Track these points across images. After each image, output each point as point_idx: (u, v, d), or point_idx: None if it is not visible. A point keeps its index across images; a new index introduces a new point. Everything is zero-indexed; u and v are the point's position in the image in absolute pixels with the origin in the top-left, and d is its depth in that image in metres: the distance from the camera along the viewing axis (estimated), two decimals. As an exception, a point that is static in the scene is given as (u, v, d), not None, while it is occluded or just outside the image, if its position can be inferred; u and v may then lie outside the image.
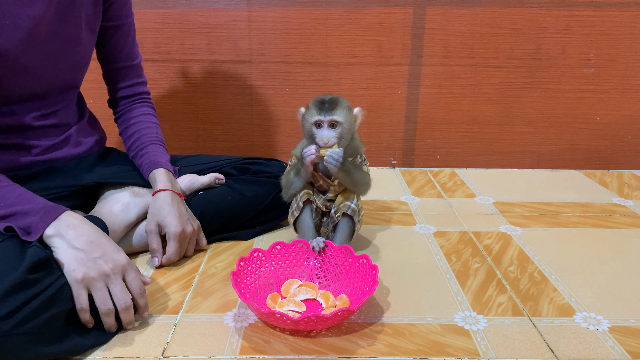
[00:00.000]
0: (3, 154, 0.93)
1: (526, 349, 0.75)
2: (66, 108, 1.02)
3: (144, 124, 1.11)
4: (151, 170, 1.03)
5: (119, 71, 1.11)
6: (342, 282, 0.90)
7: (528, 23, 1.54)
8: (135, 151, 1.08)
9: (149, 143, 1.08)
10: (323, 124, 0.91)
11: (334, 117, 0.91)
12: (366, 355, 0.74)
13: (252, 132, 1.64)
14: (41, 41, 0.90)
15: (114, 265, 0.76)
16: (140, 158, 1.06)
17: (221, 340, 0.77)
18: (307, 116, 0.93)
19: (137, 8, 1.50)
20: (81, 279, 0.73)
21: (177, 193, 1.01)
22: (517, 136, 1.64)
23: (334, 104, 0.91)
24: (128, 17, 1.08)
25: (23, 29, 0.87)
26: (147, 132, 1.10)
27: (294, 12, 1.53)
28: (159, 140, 1.10)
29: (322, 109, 0.91)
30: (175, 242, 0.97)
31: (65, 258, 0.74)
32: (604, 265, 1.01)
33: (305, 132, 0.94)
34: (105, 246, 0.77)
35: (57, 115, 0.99)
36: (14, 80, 0.90)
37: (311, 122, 0.92)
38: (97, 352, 0.74)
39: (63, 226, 0.76)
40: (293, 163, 0.98)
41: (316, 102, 0.92)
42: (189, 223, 0.99)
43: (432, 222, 1.22)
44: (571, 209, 1.31)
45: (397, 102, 1.61)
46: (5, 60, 0.86)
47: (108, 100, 1.15)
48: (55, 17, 0.91)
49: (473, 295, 0.90)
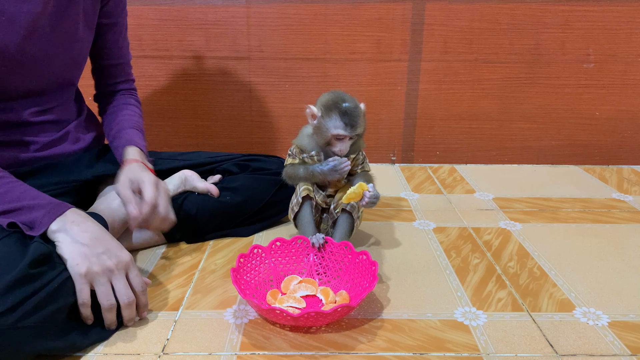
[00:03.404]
0: (2, 150, 0.93)
1: (526, 344, 0.76)
2: (64, 104, 1.02)
3: (125, 111, 1.10)
4: (124, 147, 1.00)
5: (109, 68, 1.11)
6: (342, 278, 0.90)
7: (527, 18, 1.53)
8: (113, 136, 1.06)
9: (128, 127, 1.06)
10: (345, 138, 0.91)
11: (357, 132, 0.90)
12: (366, 351, 0.74)
13: (251, 128, 1.64)
14: (39, 37, 0.90)
15: (118, 261, 0.76)
16: (115, 140, 1.05)
17: (221, 337, 0.77)
18: (327, 124, 0.90)
19: (136, 5, 1.50)
20: (85, 273, 0.73)
21: (149, 168, 0.97)
22: (517, 132, 1.64)
23: (356, 117, 0.89)
24: (122, 14, 1.08)
25: (21, 24, 0.86)
26: (127, 119, 1.08)
27: (292, 8, 1.52)
28: (137, 127, 1.08)
29: (346, 123, 0.89)
30: (152, 187, 0.89)
31: (69, 253, 0.74)
32: (603, 261, 1.01)
33: (320, 135, 0.92)
34: (109, 243, 0.78)
35: (55, 112, 0.99)
36: (11, 76, 0.89)
37: (333, 134, 0.90)
38: (98, 349, 0.74)
39: (68, 222, 0.77)
40: (294, 153, 0.97)
41: (339, 112, 0.89)
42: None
43: (432, 218, 1.22)
44: (571, 205, 1.31)
45: (396, 98, 1.61)
46: (3, 55, 0.86)
47: (94, 95, 1.15)
48: (54, 13, 0.91)
49: (473, 290, 0.90)
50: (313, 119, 0.93)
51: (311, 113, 0.92)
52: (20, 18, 0.86)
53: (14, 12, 0.85)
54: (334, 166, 0.90)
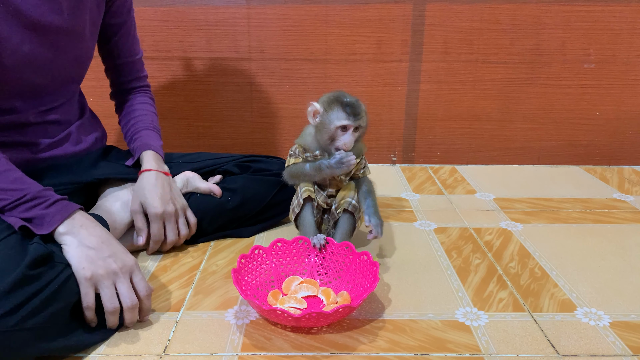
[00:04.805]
0: (4, 151, 0.92)
1: (527, 345, 0.76)
2: (67, 105, 1.02)
3: (140, 111, 1.14)
4: (141, 152, 1.05)
5: (122, 67, 1.14)
6: (343, 278, 0.90)
7: (528, 19, 1.53)
8: (130, 136, 1.11)
9: (143, 128, 1.11)
10: (349, 128, 0.91)
11: (361, 122, 0.91)
12: (367, 352, 0.74)
13: (252, 129, 1.64)
14: (45, 32, 0.90)
15: (123, 265, 0.77)
16: (133, 142, 1.09)
17: (222, 338, 0.77)
18: (330, 117, 0.91)
19: (137, 6, 1.49)
20: (90, 277, 0.74)
21: (163, 172, 1.02)
22: (518, 132, 1.64)
23: (359, 108, 0.91)
24: (130, 13, 1.10)
25: (29, 17, 0.86)
26: (143, 118, 1.13)
27: (293, 9, 1.52)
28: (153, 126, 1.13)
29: (349, 113, 0.90)
30: (156, 223, 0.98)
31: (75, 256, 0.75)
32: (604, 261, 1.01)
33: (324, 131, 0.92)
34: (115, 247, 0.78)
35: (58, 112, 0.99)
36: (16, 70, 0.89)
37: (337, 125, 0.91)
38: (100, 349, 0.74)
39: (76, 225, 0.77)
40: (297, 152, 0.97)
41: (341, 105, 0.91)
42: (170, 203, 0.99)
43: (433, 219, 1.22)
44: (572, 205, 1.31)
45: (397, 98, 1.61)
46: (6, 47, 0.85)
47: (110, 93, 1.19)
48: (66, 10, 0.91)
49: (474, 291, 0.90)
50: (315, 116, 0.93)
51: (313, 110, 0.93)
52: (34, 14, 0.86)
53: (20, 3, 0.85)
54: (340, 158, 0.90)
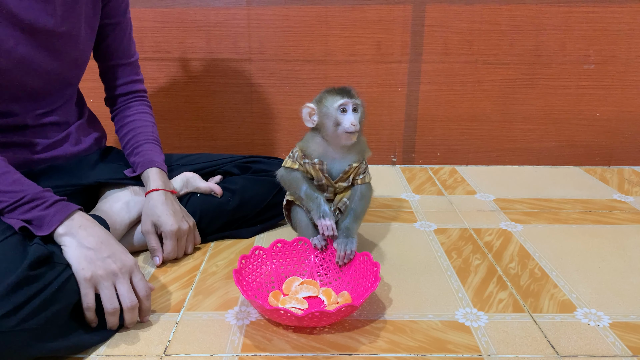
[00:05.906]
0: (3, 152, 0.93)
1: (527, 345, 0.76)
2: (65, 106, 1.02)
3: (139, 122, 1.10)
4: (145, 169, 1.03)
5: (116, 69, 1.10)
6: (343, 279, 0.90)
7: (528, 20, 1.53)
8: (130, 149, 1.08)
9: (144, 142, 1.07)
10: (348, 106, 0.90)
11: (356, 100, 0.91)
12: (367, 352, 0.74)
13: (252, 130, 1.64)
14: (39, 34, 0.90)
15: (122, 265, 0.77)
16: (134, 156, 1.06)
17: (223, 338, 0.77)
18: (327, 104, 0.91)
19: (137, 7, 1.50)
20: (90, 278, 0.74)
21: (170, 191, 1.01)
22: (517, 133, 1.64)
23: (350, 88, 0.92)
24: (125, 14, 1.08)
25: (22, 19, 0.86)
26: (143, 130, 1.09)
27: (293, 10, 1.53)
28: (154, 139, 1.10)
29: (343, 93, 0.91)
30: (172, 240, 0.98)
31: (75, 257, 0.75)
32: (604, 262, 1.01)
33: (326, 123, 0.91)
34: (114, 247, 0.78)
35: (56, 113, 0.99)
36: (12, 72, 0.89)
37: (335, 107, 0.90)
38: (100, 350, 0.74)
39: (75, 226, 0.77)
40: (296, 156, 0.96)
41: (333, 90, 0.92)
42: (184, 220, 1.00)
43: (433, 219, 1.22)
44: (571, 206, 1.31)
45: (397, 99, 1.61)
46: (0, 49, 0.85)
47: (105, 99, 1.15)
48: (60, 12, 0.91)
49: (474, 291, 0.90)
50: (311, 116, 0.93)
51: (309, 110, 0.92)
52: (28, 17, 0.86)
53: (15, 7, 0.85)
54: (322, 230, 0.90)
